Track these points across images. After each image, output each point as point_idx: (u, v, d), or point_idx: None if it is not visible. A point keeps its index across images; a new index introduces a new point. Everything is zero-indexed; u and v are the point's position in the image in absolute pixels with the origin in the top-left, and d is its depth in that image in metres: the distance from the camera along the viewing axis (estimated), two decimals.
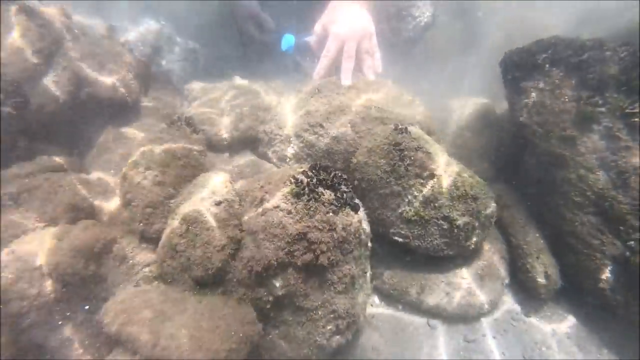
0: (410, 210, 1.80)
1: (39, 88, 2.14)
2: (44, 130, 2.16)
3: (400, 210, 1.81)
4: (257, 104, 2.23)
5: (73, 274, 1.38)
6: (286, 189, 1.48)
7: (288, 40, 2.14)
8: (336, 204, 1.46)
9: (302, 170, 1.52)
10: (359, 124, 1.95)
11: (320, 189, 1.46)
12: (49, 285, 1.36)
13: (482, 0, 2.72)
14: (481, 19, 2.76)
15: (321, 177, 1.47)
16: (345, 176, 1.56)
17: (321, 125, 1.96)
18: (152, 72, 2.37)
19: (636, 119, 1.69)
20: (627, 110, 1.70)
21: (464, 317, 1.92)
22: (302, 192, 1.45)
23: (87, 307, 1.46)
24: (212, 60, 3.02)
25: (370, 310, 1.92)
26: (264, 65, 2.96)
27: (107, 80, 2.08)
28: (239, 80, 2.39)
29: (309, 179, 1.48)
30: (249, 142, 2.20)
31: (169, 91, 2.40)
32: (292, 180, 1.48)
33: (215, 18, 3.21)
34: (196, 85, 2.26)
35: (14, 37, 2.12)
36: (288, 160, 2.04)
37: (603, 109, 1.76)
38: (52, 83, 2.16)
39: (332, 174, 1.50)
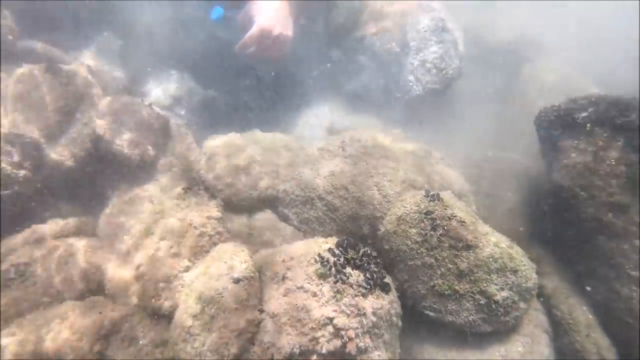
0: (443, 283, 1.65)
1: (57, 145, 2.11)
2: (58, 188, 2.11)
3: (432, 284, 1.66)
4: (277, 161, 2.14)
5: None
6: (311, 269, 1.36)
7: (217, 12, 2.39)
8: (365, 285, 1.33)
9: (328, 247, 1.39)
10: (386, 187, 1.83)
11: (348, 270, 1.33)
12: None
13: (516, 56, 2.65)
14: (514, 71, 2.68)
15: (349, 256, 1.34)
16: (374, 253, 1.42)
17: (346, 188, 1.85)
18: (170, 127, 2.32)
19: None
20: None
21: None
22: (328, 272, 1.33)
23: None
24: (232, 108, 2.97)
25: None
26: (282, 116, 2.91)
27: (124, 139, 2.03)
28: (259, 134, 2.31)
29: (335, 258, 1.35)
30: (269, 201, 2.10)
31: (187, 145, 2.34)
32: (318, 259, 1.36)
33: (234, 66, 3.20)
34: (214, 141, 2.19)
35: (40, 95, 2.11)
36: (310, 223, 1.92)
37: None
38: (70, 140, 2.12)
39: (361, 252, 1.37)
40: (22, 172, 1.72)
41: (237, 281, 1.40)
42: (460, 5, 2.71)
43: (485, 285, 1.64)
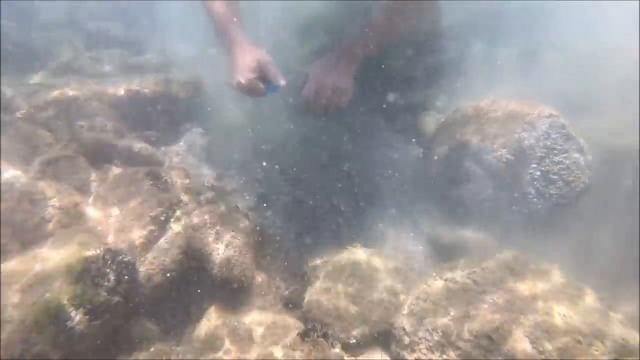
0: None
1: (146, 256, 1.94)
2: (144, 305, 1.90)
3: None
4: (390, 289, 1.83)
5: None
6: None
7: (269, 84, 2.10)
8: None
9: None
10: (542, 342, 1.45)
11: None
12: None
13: None
14: None
15: None
16: None
17: (489, 338, 1.49)
18: (267, 238, 2.13)
19: None
20: None
21: None
22: None
23: None
24: (321, 211, 2.77)
25: None
26: (375, 223, 2.66)
27: (222, 255, 1.83)
28: (361, 253, 2.05)
29: None
30: (379, 336, 1.76)
31: (283, 261, 2.10)
32: None
33: (323, 159, 3.09)
34: (317, 261, 1.95)
35: (138, 202, 2.00)
36: None
37: None
38: (162, 251, 1.95)
39: None
40: (115, 299, 1.52)
41: None
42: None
43: None
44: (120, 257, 1.61)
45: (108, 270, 1.52)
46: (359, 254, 2.04)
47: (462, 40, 3.81)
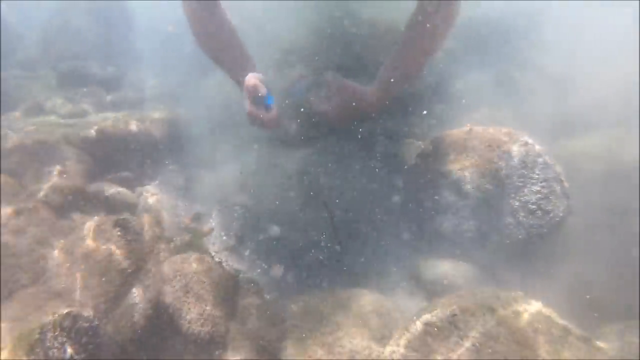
0: None
1: (115, 314, 1.84)
2: None
3: None
4: (368, 334, 1.75)
5: None
6: None
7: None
8: None
9: None
10: None
11: None
12: None
13: None
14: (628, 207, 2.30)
15: None
16: None
17: None
18: (240, 287, 2.04)
19: None
20: None
21: None
22: None
23: None
24: (300, 249, 2.69)
25: None
26: (355, 259, 2.59)
27: (192, 313, 1.74)
28: (343, 294, 1.97)
29: None
30: None
31: (261, 307, 2.01)
32: None
33: (298, 194, 3.02)
34: (294, 306, 1.87)
35: (105, 255, 1.91)
36: None
37: None
38: (130, 306, 1.86)
39: None
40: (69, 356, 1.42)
41: None
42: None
43: None
44: (80, 322, 1.51)
45: (65, 339, 1.42)
46: (340, 295, 1.97)
47: (439, 66, 3.83)
